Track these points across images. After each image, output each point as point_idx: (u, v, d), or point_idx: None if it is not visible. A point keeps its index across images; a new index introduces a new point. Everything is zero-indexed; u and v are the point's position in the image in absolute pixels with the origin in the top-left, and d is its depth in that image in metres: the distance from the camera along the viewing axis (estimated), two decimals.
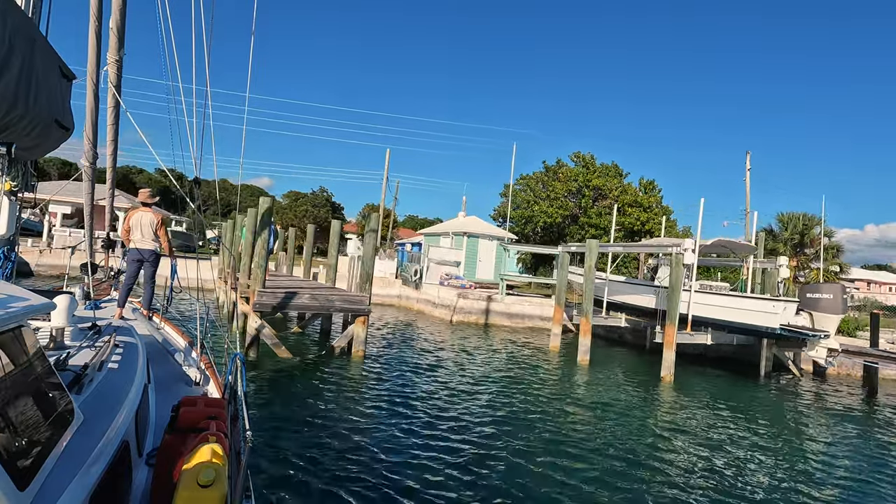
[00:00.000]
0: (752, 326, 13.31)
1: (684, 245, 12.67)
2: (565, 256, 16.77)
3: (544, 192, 30.88)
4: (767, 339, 14.52)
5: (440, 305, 23.62)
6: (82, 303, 6.01)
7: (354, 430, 7.36)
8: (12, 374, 2.03)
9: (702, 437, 8.71)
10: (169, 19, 5.54)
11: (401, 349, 14.20)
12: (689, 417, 9.88)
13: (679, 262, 12.78)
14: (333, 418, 7.86)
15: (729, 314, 13.70)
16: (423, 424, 7.96)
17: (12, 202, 4.00)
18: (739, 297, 13.80)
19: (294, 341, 13.51)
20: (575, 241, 30.31)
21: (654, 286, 16.03)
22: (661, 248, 14.11)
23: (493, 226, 31.14)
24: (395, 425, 7.78)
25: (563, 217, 29.51)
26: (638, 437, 8.33)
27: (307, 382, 9.75)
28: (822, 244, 26.97)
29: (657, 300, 15.36)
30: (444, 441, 7.28)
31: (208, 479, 2.12)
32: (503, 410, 9.08)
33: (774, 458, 8.01)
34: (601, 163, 30.99)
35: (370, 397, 9.24)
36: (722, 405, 11.05)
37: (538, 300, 23.30)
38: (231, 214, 25.32)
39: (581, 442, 7.85)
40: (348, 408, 8.51)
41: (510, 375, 12.11)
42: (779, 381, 14.48)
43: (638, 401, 10.86)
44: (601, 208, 29.25)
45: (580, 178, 29.68)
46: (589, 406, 10.03)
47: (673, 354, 12.79)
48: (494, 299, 22.53)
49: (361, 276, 12.46)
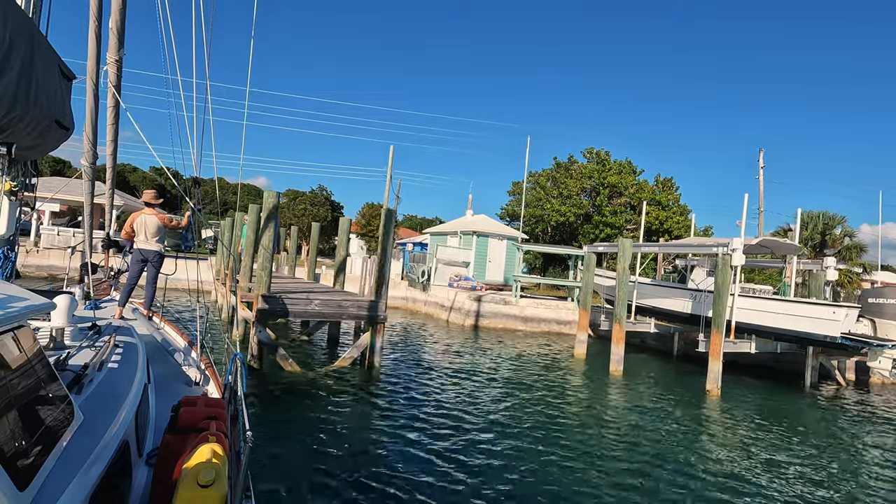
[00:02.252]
0: (807, 334, 12.13)
1: (732, 245, 11.48)
2: (591, 257, 15.56)
3: (555, 190, 29.61)
4: (814, 347, 13.37)
5: (450, 308, 22.40)
6: (82, 303, 5.97)
7: (379, 460, 6.14)
8: (12, 374, 2.03)
9: (771, 462, 7.52)
10: (168, 12, 5.66)
11: (416, 359, 12.96)
12: (751, 440, 8.67)
13: (726, 264, 11.59)
14: (353, 445, 6.63)
15: (779, 321, 12.53)
16: (456, 450, 6.76)
17: (12, 202, 4.01)
18: (792, 302, 12.63)
19: (300, 351, 12.26)
20: (588, 241, 29.18)
21: (689, 289, 14.84)
22: (705, 247, 12.91)
23: (502, 224, 29.87)
24: (423, 453, 6.56)
25: (577, 216, 28.28)
26: (701, 467, 7.12)
27: (320, 401, 8.50)
28: (847, 244, 25.93)
29: (694, 305, 14.18)
30: (483, 470, 6.07)
31: (208, 479, 2.11)
32: (540, 433, 7.86)
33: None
34: (615, 160, 29.74)
35: (390, 415, 8.02)
36: (779, 424, 9.85)
37: (554, 303, 22.11)
38: (229, 213, 24.05)
39: (632, 472, 6.64)
40: (368, 430, 7.28)
41: (541, 390, 10.88)
42: (827, 393, 13.31)
43: (689, 420, 9.65)
44: (616, 207, 28.02)
45: (595, 175, 28.42)
46: (634, 427, 8.81)
47: (720, 365, 11.61)
48: (509, 302, 21.32)
49: (376, 279, 11.22)
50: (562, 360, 14.94)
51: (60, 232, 25.60)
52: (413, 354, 13.50)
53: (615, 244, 16.06)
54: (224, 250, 17.96)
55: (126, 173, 59.69)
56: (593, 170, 28.86)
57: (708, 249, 12.33)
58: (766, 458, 7.83)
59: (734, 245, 11.46)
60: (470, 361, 13.25)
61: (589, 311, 15.42)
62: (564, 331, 21.47)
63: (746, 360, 15.14)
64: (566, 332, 21.39)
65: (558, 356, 15.57)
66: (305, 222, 44.82)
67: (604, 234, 27.28)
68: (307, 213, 50.55)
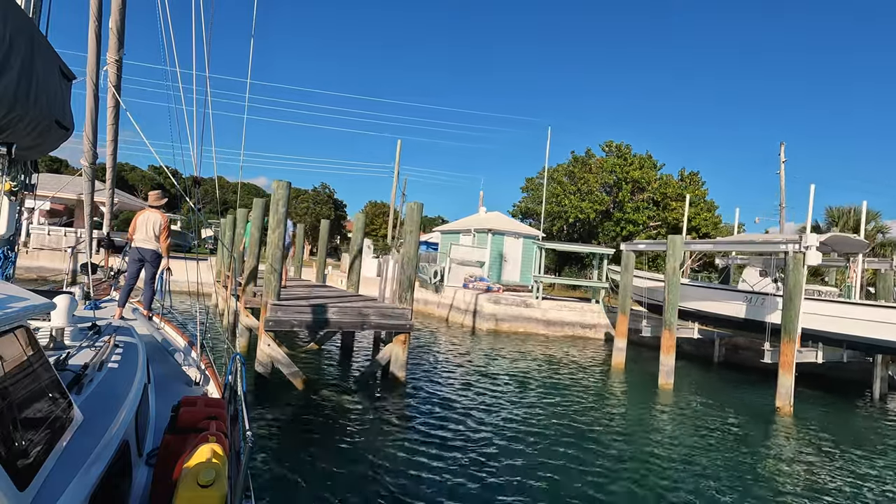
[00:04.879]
0: (882, 341, 10.70)
1: (806, 241, 10.04)
2: (630, 256, 14.12)
3: (573, 186, 28.11)
4: (885, 355, 11.96)
5: (467, 311, 20.98)
6: (82, 303, 5.96)
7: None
8: (12, 374, 2.03)
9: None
10: (167, 3, 5.61)
11: (442, 371, 11.52)
12: (853, 473, 7.24)
13: (798, 264, 10.16)
14: (385, 479, 5.20)
15: (847, 326, 11.11)
16: (500, 486, 5.34)
17: (12, 202, 4.03)
18: (865, 305, 11.21)
19: (311, 364, 10.84)
20: (608, 239, 27.74)
21: (742, 291, 13.40)
22: (771, 245, 11.46)
23: (517, 222, 28.37)
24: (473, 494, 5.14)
25: (597, 212, 26.78)
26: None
27: (342, 427, 7.06)
28: (880, 241, 24.53)
29: (749, 309, 12.75)
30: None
31: (208, 479, 2.10)
32: (601, 465, 6.44)
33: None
34: (635, 153, 28.22)
35: (423, 441, 6.58)
36: (871, 452, 8.43)
37: (578, 305, 20.68)
38: (229, 211, 22.63)
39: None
40: (400, 462, 5.85)
41: (589, 411, 9.46)
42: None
43: (772, 446, 8.23)
44: (638, 203, 26.54)
45: (617, 169, 26.91)
46: (706, 454, 7.37)
47: (791, 379, 10.17)
48: (530, 304, 19.90)
49: (401, 282, 9.79)
50: (599, 370, 13.50)
51: (51, 231, 24.16)
52: (435, 365, 12.06)
53: (660, 241, 14.65)
54: (224, 251, 16.52)
55: (125, 172, 58.46)
56: (614, 164, 27.33)
57: (774, 247, 10.89)
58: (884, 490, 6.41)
59: (808, 241, 10.02)
60: (499, 373, 11.82)
61: (628, 315, 13.98)
62: (589, 335, 20.06)
63: (803, 369, 13.74)
64: (591, 337, 20.00)
65: (593, 365, 14.14)
66: (308, 221, 43.46)
67: (626, 231, 25.82)
68: (310, 211, 49.28)
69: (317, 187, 53.90)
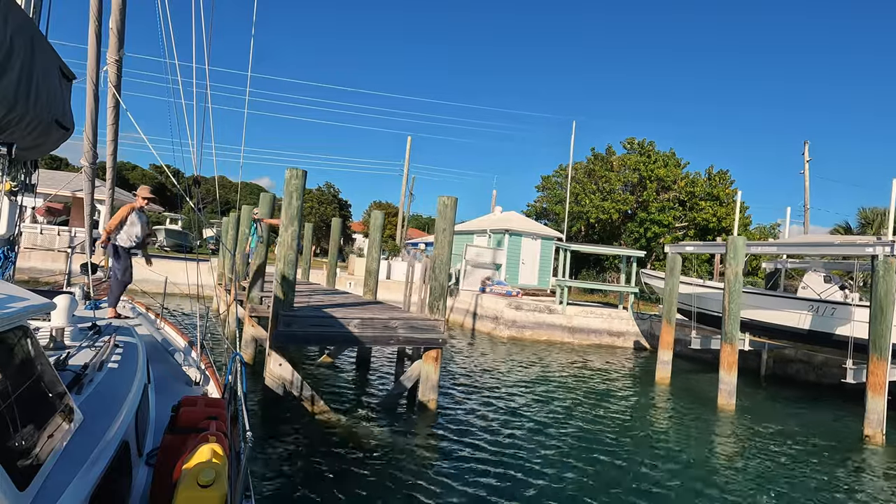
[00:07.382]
0: None
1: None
2: (677, 259, 12.72)
3: (593, 185, 26.67)
4: None
5: (485, 317, 19.64)
6: (82, 303, 5.97)
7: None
8: (12, 375, 2.00)
9: None
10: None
11: (476, 392, 10.12)
12: None
13: (890, 269, 8.78)
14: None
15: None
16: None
17: (12, 202, 4.03)
18: None
19: (324, 381, 9.48)
20: (631, 241, 26.36)
21: (802, 300, 12.01)
22: (854, 247, 10.07)
23: (535, 223, 26.93)
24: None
25: (620, 212, 25.33)
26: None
27: (364, 470, 5.68)
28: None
29: (815, 319, 11.36)
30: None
31: (208, 479, 2.08)
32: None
33: None
34: (659, 150, 26.74)
35: (471, 484, 5.20)
36: None
37: (606, 311, 19.29)
38: (231, 211, 21.30)
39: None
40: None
41: (643, 439, 8.10)
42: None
43: (869, 491, 6.85)
44: (664, 202, 25.08)
45: (641, 167, 25.44)
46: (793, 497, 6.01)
47: (884, 403, 8.78)
48: (554, 310, 18.53)
49: (432, 288, 8.43)
50: (642, 385, 12.13)
51: (44, 231, 22.86)
52: (466, 384, 10.67)
53: (712, 243, 13.27)
54: (227, 252, 15.18)
55: (125, 171, 57.34)
56: (638, 161, 25.88)
57: (859, 250, 9.49)
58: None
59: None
60: (534, 388, 10.45)
61: (674, 324, 12.60)
62: (617, 343, 18.70)
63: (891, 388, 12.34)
64: (619, 345, 18.63)
65: (635, 380, 12.77)
66: (312, 221, 42.19)
67: (650, 232, 24.37)
68: (314, 211, 48.02)
69: (321, 187, 52.69)
